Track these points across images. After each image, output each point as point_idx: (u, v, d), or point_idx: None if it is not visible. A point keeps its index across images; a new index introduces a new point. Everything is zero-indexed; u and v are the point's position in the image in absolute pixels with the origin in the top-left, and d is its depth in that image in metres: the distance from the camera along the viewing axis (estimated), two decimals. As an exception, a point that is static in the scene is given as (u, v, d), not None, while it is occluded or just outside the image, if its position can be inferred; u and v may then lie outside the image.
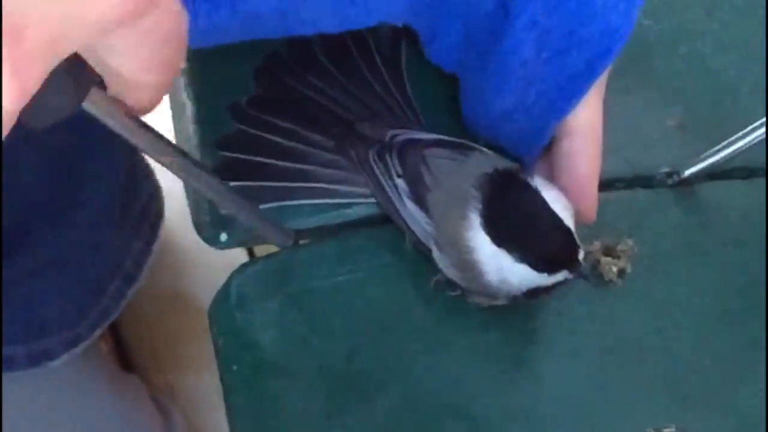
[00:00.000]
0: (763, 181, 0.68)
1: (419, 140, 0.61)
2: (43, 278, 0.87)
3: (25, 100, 0.34)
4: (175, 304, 1.12)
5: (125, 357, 1.12)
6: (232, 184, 0.60)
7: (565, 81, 0.56)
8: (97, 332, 0.93)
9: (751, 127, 0.65)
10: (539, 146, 0.60)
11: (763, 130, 0.65)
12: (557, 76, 0.56)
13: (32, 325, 0.87)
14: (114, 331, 1.07)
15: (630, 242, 0.63)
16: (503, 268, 0.56)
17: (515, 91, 0.58)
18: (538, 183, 0.56)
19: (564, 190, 0.58)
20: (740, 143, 0.66)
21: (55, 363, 0.88)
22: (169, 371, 1.11)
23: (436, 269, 0.60)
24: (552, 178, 0.60)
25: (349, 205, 0.63)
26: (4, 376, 0.84)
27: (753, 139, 0.65)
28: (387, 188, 0.60)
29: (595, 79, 0.57)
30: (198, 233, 0.64)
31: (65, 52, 0.35)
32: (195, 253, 1.12)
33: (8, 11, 0.32)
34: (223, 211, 0.61)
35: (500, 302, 0.59)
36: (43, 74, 0.34)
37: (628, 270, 0.63)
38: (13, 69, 0.33)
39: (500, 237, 0.56)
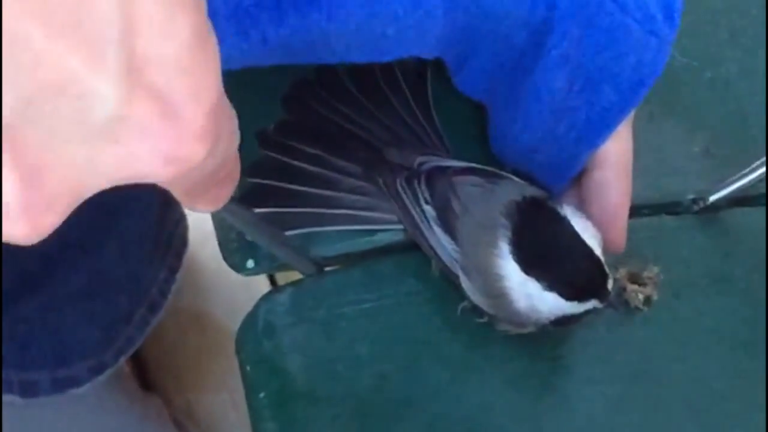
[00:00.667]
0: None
1: (448, 167, 0.60)
2: (73, 306, 0.87)
3: (37, 239, 0.31)
4: (193, 324, 1.12)
5: (144, 376, 1.12)
6: (258, 210, 0.60)
7: (596, 115, 0.56)
8: (122, 359, 0.93)
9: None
10: (567, 178, 0.60)
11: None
12: (588, 109, 0.56)
13: (59, 352, 0.87)
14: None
15: (656, 269, 0.63)
16: (532, 296, 0.56)
17: (545, 123, 0.58)
18: (568, 211, 0.56)
19: (593, 219, 0.58)
20: (764, 168, 0.66)
21: (79, 390, 0.88)
22: (188, 390, 1.11)
23: (463, 296, 0.60)
24: (581, 206, 0.59)
25: (375, 232, 0.63)
26: (27, 400, 0.85)
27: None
28: (415, 215, 0.60)
29: (627, 114, 0.56)
30: (225, 260, 0.63)
31: (86, 196, 0.32)
32: (213, 273, 1.11)
33: (23, 150, 0.29)
34: (249, 238, 0.61)
35: (528, 330, 0.59)
36: (60, 218, 0.31)
37: (654, 297, 0.62)
38: (26, 211, 0.30)
39: (529, 265, 0.55)
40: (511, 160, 0.63)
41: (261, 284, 1.05)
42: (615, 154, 0.58)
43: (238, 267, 0.63)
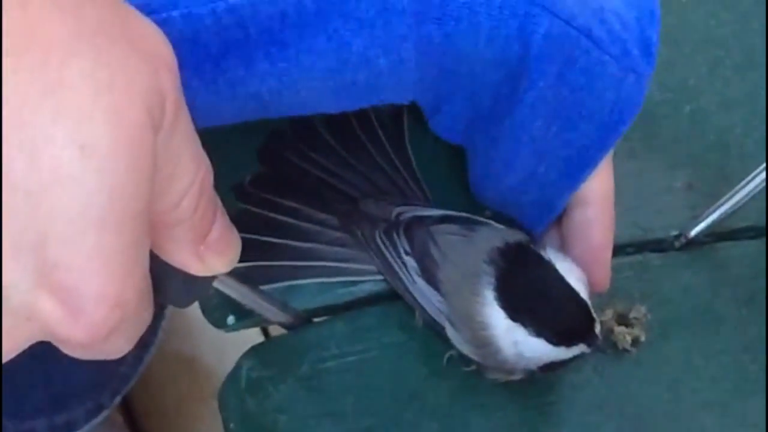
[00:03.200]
0: (773, 240, 0.66)
1: (426, 217, 0.58)
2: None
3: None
4: (182, 369, 1.10)
5: (133, 423, 1.09)
6: (237, 264, 0.58)
7: (576, 153, 0.54)
8: (117, 399, 0.91)
9: (748, 178, 0.63)
10: (551, 217, 0.58)
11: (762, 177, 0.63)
12: (569, 148, 0.54)
13: (55, 399, 0.85)
14: (124, 397, 1.04)
15: (643, 309, 0.61)
16: (519, 343, 0.53)
17: (526, 163, 0.55)
18: (551, 255, 0.54)
19: (577, 260, 0.55)
20: (740, 195, 0.63)
21: None
22: (180, 435, 1.09)
23: (449, 345, 0.57)
24: (563, 247, 0.57)
25: (356, 283, 0.60)
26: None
27: (754, 189, 0.63)
28: (396, 267, 0.57)
29: (607, 151, 0.54)
30: (204, 316, 0.61)
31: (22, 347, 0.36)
32: (201, 316, 1.09)
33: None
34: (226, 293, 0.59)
35: (516, 377, 0.57)
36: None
37: (642, 338, 0.60)
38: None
39: (516, 311, 0.53)
40: (491, 203, 0.61)
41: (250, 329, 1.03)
42: (596, 192, 0.56)
43: (219, 323, 0.60)
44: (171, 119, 0.35)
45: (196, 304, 0.62)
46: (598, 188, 0.56)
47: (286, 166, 0.61)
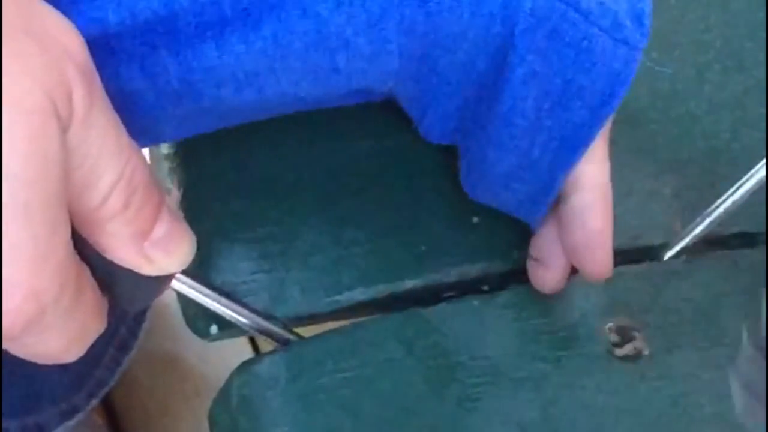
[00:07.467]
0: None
1: None
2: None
3: None
4: (164, 369, 1.03)
5: (114, 423, 1.02)
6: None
7: (569, 132, 0.48)
8: (93, 402, 0.84)
9: (739, 183, 0.57)
10: (546, 203, 0.51)
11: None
12: (561, 127, 0.48)
13: (28, 400, 0.78)
14: (104, 397, 0.97)
15: (643, 320, 0.54)
16: None
17: (519, 147, 0.49)
18: None
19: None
20: (731, 200, 0.57)
21: None
22: (162, 436, 1.02)
23: (446, 360, 0.50)
24: (561, 236, 0.51)
25: (341, 291, 0.53)
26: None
27: (744, 195, 0.57)
28: None
29: (600, 128, 0.48)
30: (187, 325, 0.54)
31: None
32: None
33: None
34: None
35: None
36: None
37: (645, 352, 0.53)
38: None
39: None
40: (485, 195, 0.54)
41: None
42: (592, 176, 0.50)
43: (202, 333, 0.53)
44: (83, 112, 0.33)
45: (178, 310, 0.55)
46: (593, 172, 0.50)
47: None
